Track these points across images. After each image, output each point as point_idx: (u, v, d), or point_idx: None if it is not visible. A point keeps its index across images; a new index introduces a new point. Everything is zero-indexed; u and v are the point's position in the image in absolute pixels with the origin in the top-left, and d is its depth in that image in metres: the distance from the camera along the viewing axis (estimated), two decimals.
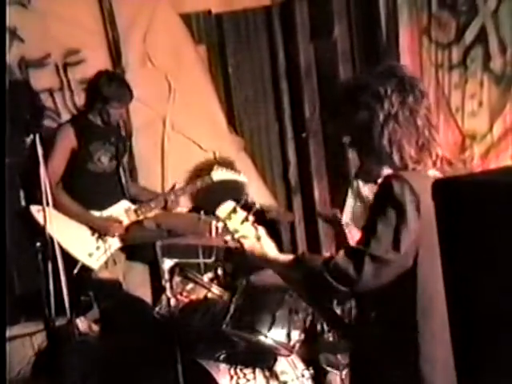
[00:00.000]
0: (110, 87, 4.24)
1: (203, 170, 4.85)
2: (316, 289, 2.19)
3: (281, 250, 2.40)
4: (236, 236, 2.34)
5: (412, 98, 2.24)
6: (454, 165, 2.35)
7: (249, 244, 2.33)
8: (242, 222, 2.35)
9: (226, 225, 2.36)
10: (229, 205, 2.37)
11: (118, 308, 4.37)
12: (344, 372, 3.52)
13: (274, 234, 5.27)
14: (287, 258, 2.28)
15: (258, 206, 2.45)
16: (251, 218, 2.37)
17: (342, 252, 2.14)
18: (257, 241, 2.32)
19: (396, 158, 2.21)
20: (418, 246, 2.13)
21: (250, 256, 2.33)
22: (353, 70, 5.17)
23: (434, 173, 2.24)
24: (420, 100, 2.27)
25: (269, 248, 2.33)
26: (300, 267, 2.20)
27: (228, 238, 2.39)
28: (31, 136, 3.86)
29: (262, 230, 2.35)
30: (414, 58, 4.90)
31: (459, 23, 4.76)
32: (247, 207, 2.40)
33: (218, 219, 2.35)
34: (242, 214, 2.36)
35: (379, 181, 2.22)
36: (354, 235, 3.14)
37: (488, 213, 1.61)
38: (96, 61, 4.69)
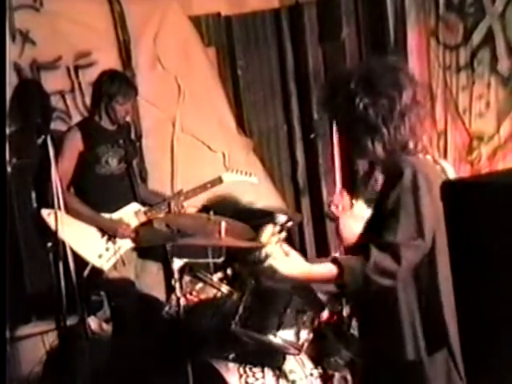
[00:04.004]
0: (112, 84, 4.27)
1: None
2: (360, 288, 2.20)
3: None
4: (269, 259, 2.24)
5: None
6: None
7: (283, 265, 2.24)
8: (277, 243, 2.32)
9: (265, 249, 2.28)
10: (269, 228, 2.34)
11: (130, 307, 4.37)
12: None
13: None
14: (323, 268, 2.24)
15: (290, 223, 2.38)
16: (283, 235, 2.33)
17: (374, 248, 2.16)
18: (286, 257, 2.26)
19: (411, 145, 2.24)
20: (434, 230, 2.18)
21: (289, 277, 2.28)
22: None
23: None
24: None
25: (300, 262, 2.28)
26: (342, 275, 2.19)
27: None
28: (42, 137, 3.87)
29: (286, 246, 2.31)
30: (421, 60, 4.90)
31: (466, 25, 4.75)
32: (282, 226, 2.35)
33: (262, 245, 2.28)
34: (281, 234, 2.34)
35: (393, 169, 2.24)
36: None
37: (495, 214, 1.63)
38: (107, 63, 4.70)
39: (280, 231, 2.34)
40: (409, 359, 2.26)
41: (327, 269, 2.22)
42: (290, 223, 2.35)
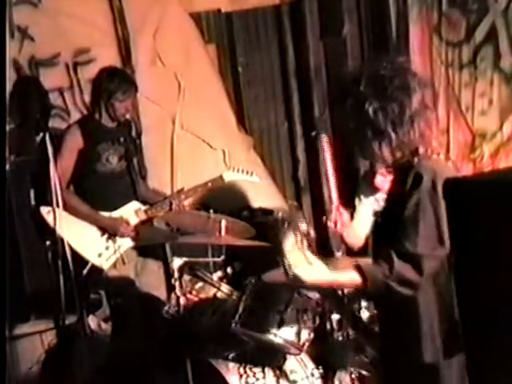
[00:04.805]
0: (112, 81, 4.25)
1: None
2: (381, 296, 2.23)
3: None
4: (293, 268, 2.24)
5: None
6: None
7: (306, 274, 2.25)
8: (299, 251, 2.30)
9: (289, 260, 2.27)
10: (293, 237, 2.30)
11: (130, 306, 4.36)
12: (353, 372, 3.51)
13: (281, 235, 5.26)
14: (346, 277, 2.25)
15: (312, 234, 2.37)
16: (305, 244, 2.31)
17: (396, 259, 2.17)
18: (309, 266, 2.26)
19: (421, 150, 2.22)
20: None
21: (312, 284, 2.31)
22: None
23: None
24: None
25: (323, 271, 2.27)
26: (364, 284, 2.21)
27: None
28: (41, 135, 3.86)
29: (309, 254, 2.29)
30: (424, 57, 4.89)
31: (469, 22, 4.74)
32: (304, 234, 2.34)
33: (286, 255, 2.26)
34: (303, 242, 2.30)
35: (408, 172, 2.22)
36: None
37: (498, 212, 1.63)
38: (106, 60, 4.68)
39: (302, 239, 2.30)
40: (426, 362, 2.26)
41: (350, 277, 2.24)
42: (312, 232, 2.34)
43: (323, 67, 5.39)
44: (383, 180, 3.96)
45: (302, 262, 2.24)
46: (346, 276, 2.25)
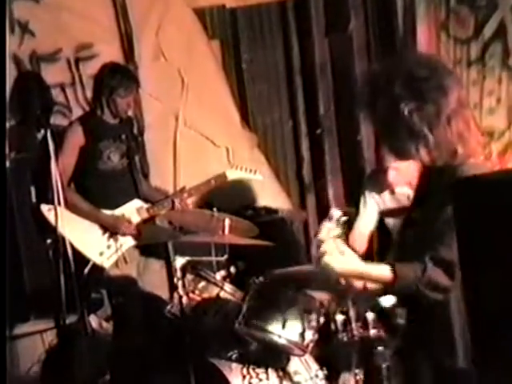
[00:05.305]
0: (114, 77, 4.25)
1: None
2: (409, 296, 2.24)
3: (294, 250, 2.36)
4: (325, 256, 2.22)
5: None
6: None
7: (337, 262, 2.22)
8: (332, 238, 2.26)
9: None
10: (327, 225, 2.26)
11: (131, 305, 4.35)
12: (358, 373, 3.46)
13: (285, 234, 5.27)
14: (377, 270, 2.24)
15: (344, 218, 2.32)
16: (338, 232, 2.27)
17: (429, 263, 2.17)
18: (341, 255, 2.22)
19: (460, 151, 2.18)
20: None
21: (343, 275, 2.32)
22: (369, 66, 5.11)
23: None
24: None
25: (354, 261, 2.25)
26: (394, 282, 2.20)
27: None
28: (42, 132, 3.83)
29: (341, 243, 2.25)
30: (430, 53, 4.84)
31: (478, 18, 4.73)
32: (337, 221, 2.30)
33: (320, 243, 2.24)
34: (336, 231, 2.27)
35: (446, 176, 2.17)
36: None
37: (505, 212, 1.61)
38: (108, 55, 4.66)
39: (336, 227, 2.26)
40: (460, 367, 2.25)
41: (381, 271, 2.22)
42: (344, 218, 2.27)
43: (328, 64, 5.36)
44: (396, 174, 3.92)
45: (334, 250, 2.20)
46: (377, 269, 2.23)
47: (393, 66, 2.25)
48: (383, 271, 2.20)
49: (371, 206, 4.10)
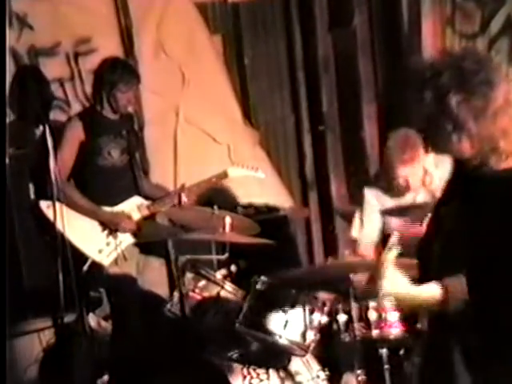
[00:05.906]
0: (114, 72, 4.24)
1: None
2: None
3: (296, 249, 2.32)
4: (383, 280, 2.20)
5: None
6: None
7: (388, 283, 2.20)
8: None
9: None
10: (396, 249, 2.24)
11: (131, 304, 4.34)
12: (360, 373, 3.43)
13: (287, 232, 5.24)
14: (429, 290, 2.19)
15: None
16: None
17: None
18: (393, 277, 2.21)
19: (502, 145, 2.13)
20: None
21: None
22: (372, 62, 5.09)
23: None
24: None
25: (405, 283, 2.22)
26: (446, 302, 2.17)
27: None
28: (41, 127, 3.82)
29: (392, 266, 2.23)
30: (436, 50, 4.80)
31: (484, 13, 4.67)
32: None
33: (384, 267, 2.21)
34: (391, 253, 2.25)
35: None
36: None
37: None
38: (108, 50, 4.66)
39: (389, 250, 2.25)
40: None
41: (431, 292, 2.18)
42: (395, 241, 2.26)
43: (332, 59, 5.34)
44: (409, 169, 3.84)
45: (389, 273, 2.20)
46: (428, 290, 2.19)
47: (437, 58, 2.24)
48: (433, 290, 2.16)
49: (373, 211, 4.05)
